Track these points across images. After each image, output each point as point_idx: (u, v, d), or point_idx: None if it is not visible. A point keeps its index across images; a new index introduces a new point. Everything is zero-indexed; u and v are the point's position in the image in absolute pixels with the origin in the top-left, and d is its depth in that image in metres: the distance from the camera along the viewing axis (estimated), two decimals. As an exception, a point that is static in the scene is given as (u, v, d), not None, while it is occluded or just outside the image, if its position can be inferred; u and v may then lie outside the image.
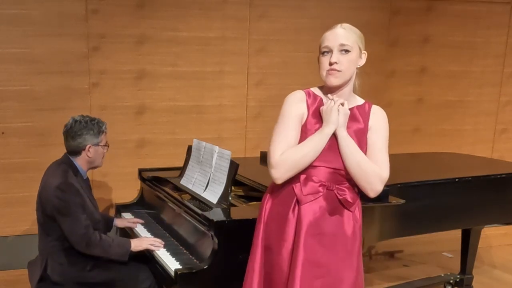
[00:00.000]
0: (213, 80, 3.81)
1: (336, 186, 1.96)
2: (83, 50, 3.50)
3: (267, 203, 2.06)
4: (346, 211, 1.98)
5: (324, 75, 1.94)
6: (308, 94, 2.01)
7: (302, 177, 1.95)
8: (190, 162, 3.04)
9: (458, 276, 3.55)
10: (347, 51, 1.91)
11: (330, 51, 1.91)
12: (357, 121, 1.99)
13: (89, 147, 2.69)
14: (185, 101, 3.78)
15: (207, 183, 2.77)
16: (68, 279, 2.62)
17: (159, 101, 3.72)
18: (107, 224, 3.01)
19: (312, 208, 1.94)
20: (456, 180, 2.98)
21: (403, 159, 3.59)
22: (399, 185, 2.74)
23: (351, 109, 1.97)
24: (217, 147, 2.79)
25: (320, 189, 1.94)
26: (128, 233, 3.04)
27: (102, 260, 2.68)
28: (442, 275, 3.68)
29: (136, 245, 2.65)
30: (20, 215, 3.40)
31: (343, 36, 1.92)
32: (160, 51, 3.65)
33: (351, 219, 1.99)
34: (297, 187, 1.95)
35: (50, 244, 2.65)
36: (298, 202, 1.96)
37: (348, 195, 1.97)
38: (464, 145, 4.44)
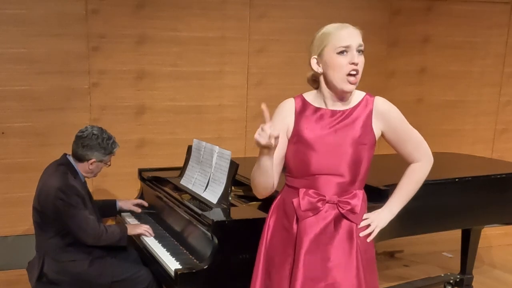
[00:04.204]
0: (213, 80, 3.81)
1: (339, 199, 1.85)
2: (83, 50, 3.49)
3: (271, 217, 1.98)
4: (349, 223, 1.87)
5: (343, 80, 1.78)
6: (298, 102, 1.90)
7: (301, 191, 1.86)
8: (190, 162, 3.04)
9: (458, 276, 3.55)
10: (361, 51, 1.80)
11: (349, 50, 1.77)
12: (354, 123, 1.85)
13: (93, 161, 2.71)
14: (185, 101, 3.78)
15: (207, 183, 2.77)
16: (65, 277, 2.63)
17: (159, 101, 3.72)
18: (110, 209, 3.03)
19: (313, 224, 1.84)
20: (456, 180, 2.98)
21: (404, 159, 3.58)
22: (399, 185, 2.74)
23: (346, 111, 1.86)
24: (217, 147, 2.79)
25: (319, 204, 1.84)
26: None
27: (100, 259, 2.70)
28: (442, 275, 3.68)
29: (131, 229, 2.79)
30: (20, 215, 3.40)
31: (359, 34, 1.81)
32: (160, 51, 3.65)
33: (354, 232, 1.87)
34: (295, 202, 1.86)
35: (47, 242, 2.67)
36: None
37: (354, 205, 1.86)
38: (464, 145, 4.44)
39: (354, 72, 1.78)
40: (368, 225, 1.94)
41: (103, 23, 3.50)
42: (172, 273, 2.30)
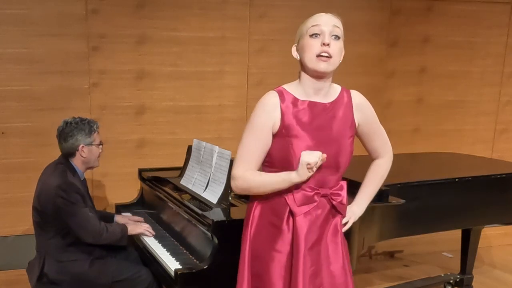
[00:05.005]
0: (213, 80, 3.81)
1: (331, 191, 1.89)
2: (83, 50, 3.49)
3: (255, 210, 1.95)
4: (336, 215, 1.92)
5: (313, 60, 1.80)
6: (281, 95, 1.88)
7: (295, 186, 1.84)
8: (190, 162, 3.04)
9: (458, 276, 3.55)
10: (337, 37, 1.81)
11: (321, 33, 1.80)
12: (338, 116, 1.88)
13: (82, 147, 2.71)
14: (185, 101, 3.78)
15: (207, 183, 2.77)
16: (65, 277, 2.63)
17: (159, 101, 3.72)
18: (107, 221, 3.02)
19: (307, 219, 1.86)
20: (456, 180, 2.98)
21: (403, 159, 3.59)
22: (399, 185, 2.75)
23: (329, 104, 1.88)
24: (217, 147, 2.79)
25: (315, 198, 1.86)
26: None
27: (101, 259, 2.70)
28: (442, 275, 3.68)
29: (132, 229, 2.80)
30: (20, 215, 3.40)
31: (336, 20, 1.85)
32: (160, 51, 3.65)
33: (339, 223, 1.94)
34: (289, 198, 1.85)
35: (47, 242, 2.67)
36: (291, 213, 1.86)
37: (343, 197, 1.91)
38: (464, 145, 4.44)
39: (325, 54, 1.79)
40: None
41: (103, 23, 3.50)
42: (172, 273, 2.30)
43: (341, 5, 3.99)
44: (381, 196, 2.55)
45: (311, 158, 1.76)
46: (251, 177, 1.87)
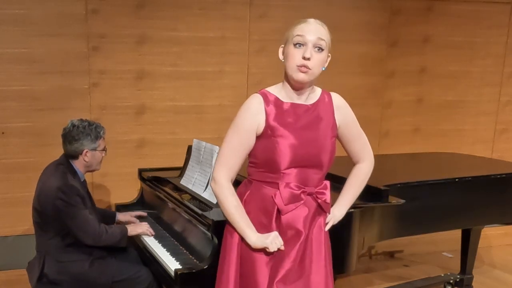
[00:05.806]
0: (213, 80, 3.81)
1: (316, 189, 1.93)
2: (83, 50, 3.50)
3: (244, 207, 1.96)
4: (321, 214, 1.97)
5: (294, 69, 1.84)
6: (265, 97, 1.91)
7: (282, 184, 1.89)
8: (190, 162, 3.04)
9: (458, 276, 3.55)
10: (320, 49, 1.83)
11: (304, 44, 1.83)
12: (320, 117, 1.93)
13: (86, 152, 2.71)
14: (185, 101, 3.78)
15: (207, 183, 2.77)
16: (65, 277, 2.63)
17: (159, 101, 3.72)
18: (109, 219, 3.02)
19: (294, 217, 1.90)
20: (456, 180, 2.98)
21: (403, 159, 3.59)
22: (399, 185, 2.75)
23: (311, 106, 1.93)
24: (217, 147, 2.79)
25: (302, 196, 1.89)
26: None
27: (101, 259, 2.70)
28: (442, 275, 3.68)
29: (132, 230, 2.79)
30: (20, 215, 3.40)
31: (322, 31, 1.85)
32: (160, 51, 3.65)
33: (323, 223, 1.97)
34: (277, 197, 1.89)
35: (47, 243, 2.67)
36: (279, 211, 1.90)
37: (327, 195, 1.95)
38: (464, 145, 4.44)
39: (304, 69, 1.82)
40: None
41: (103, 23, 3.50)
42: (172, 273, 2.30)
43: (341, 5, 4.00)
44: (381, 196, 2.56)
45: (273, 245, 1.84)
46: (229, 195, 1.93)
